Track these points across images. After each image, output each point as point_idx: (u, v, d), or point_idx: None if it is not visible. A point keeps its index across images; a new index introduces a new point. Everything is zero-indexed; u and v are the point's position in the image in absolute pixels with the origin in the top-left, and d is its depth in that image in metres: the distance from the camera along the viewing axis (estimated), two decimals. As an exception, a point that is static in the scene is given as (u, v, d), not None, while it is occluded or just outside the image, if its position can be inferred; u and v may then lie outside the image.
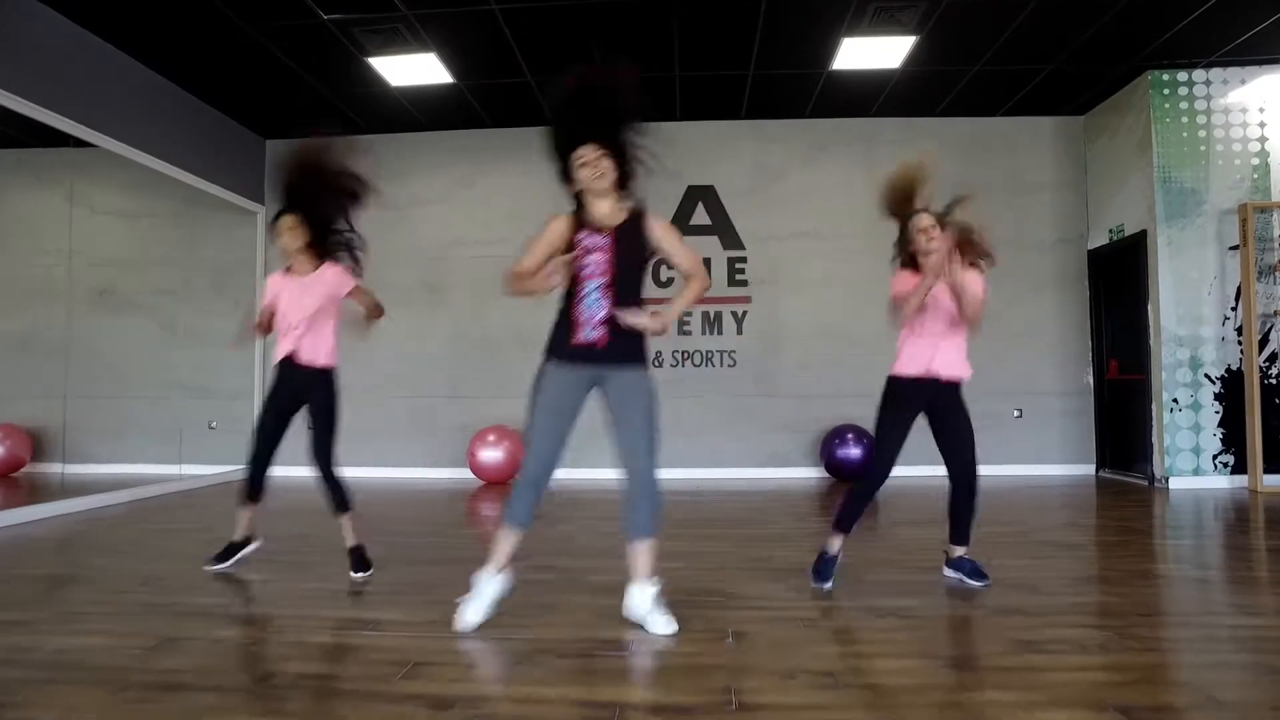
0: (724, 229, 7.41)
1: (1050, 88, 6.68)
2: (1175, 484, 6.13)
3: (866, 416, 7.12)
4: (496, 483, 6.87)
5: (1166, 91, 6.22)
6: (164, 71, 6.34)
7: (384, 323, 3.77)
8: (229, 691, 2.17)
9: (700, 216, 7.39)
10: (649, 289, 2.81)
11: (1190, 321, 6.18)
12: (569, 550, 4.08)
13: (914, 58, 6.03)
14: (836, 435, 6.88)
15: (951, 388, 3.24)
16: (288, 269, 3.59)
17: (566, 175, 2.78)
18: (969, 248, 3.19)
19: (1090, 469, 7.13)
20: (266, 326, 3.58)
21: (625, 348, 2.68)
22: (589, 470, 6.06)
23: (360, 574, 3.41)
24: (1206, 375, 6.16)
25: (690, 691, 2.15)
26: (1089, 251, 7.22)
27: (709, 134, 7.42)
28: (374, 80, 6.37)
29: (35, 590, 3.29)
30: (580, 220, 2.74)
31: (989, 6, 5.28)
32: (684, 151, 7.43)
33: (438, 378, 7.50)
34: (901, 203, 3.30)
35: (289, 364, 3.48)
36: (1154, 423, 6.31)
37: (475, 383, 7.46)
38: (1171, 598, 3.12)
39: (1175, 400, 6.18)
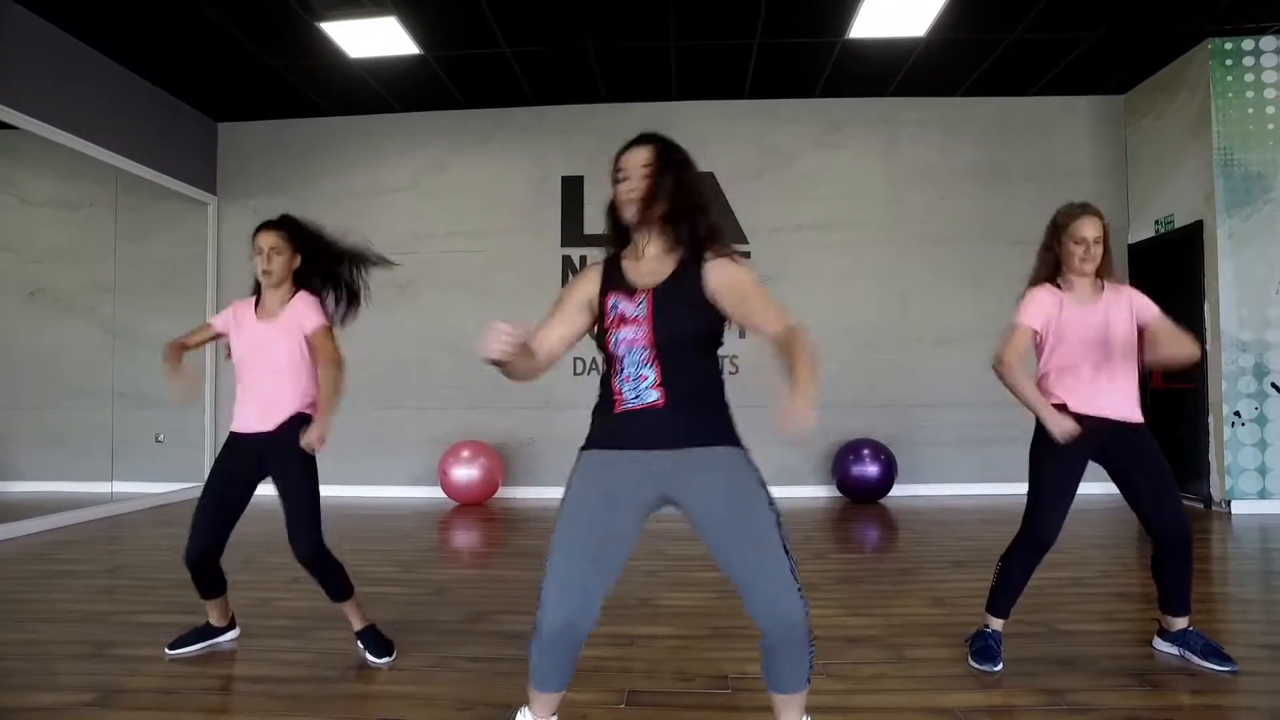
0: (725, 220, 6.65)
1: (1090, 61, 5.94)
2: (1238, 508, 5.40)
3: (886, 429, 6.53)
4: (471, 504, 6.13)
5: (1229, 62, 5.48)
6: (100, 46, 5.62)
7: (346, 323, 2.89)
8: None
9: (699, 206, 6.63)
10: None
11: (1255, 324, 5.44)
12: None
13: (942, 23, 5.29)
14: (850, 451, 6.15)
15: (1130, 429, 2.49)
16: (256, 300, 2.72)
17: (611, 202, 1.85)
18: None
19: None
20: (180, 354, 2.70)
21: (699, 418, 1.71)
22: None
23: (382, 659, 2.60)
24: (1274, 385, 5.43)
25: None
26: (1129, 246, 6.48)
27: (709, 114, 6.67)
28: (330, 51, 5.62)
29: None
30: (613, 276, 1.80)
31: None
32: (681, 134, 6.53)
33: (404, 386, 6.75)
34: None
35: (240, 433, 2.64)
36: (1212, 438, 5.59)
37: (447, 392, 6.71)
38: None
39: (1237, 413, 5.45)
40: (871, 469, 6.03)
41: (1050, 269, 2.61)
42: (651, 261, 1.78)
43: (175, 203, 6.80)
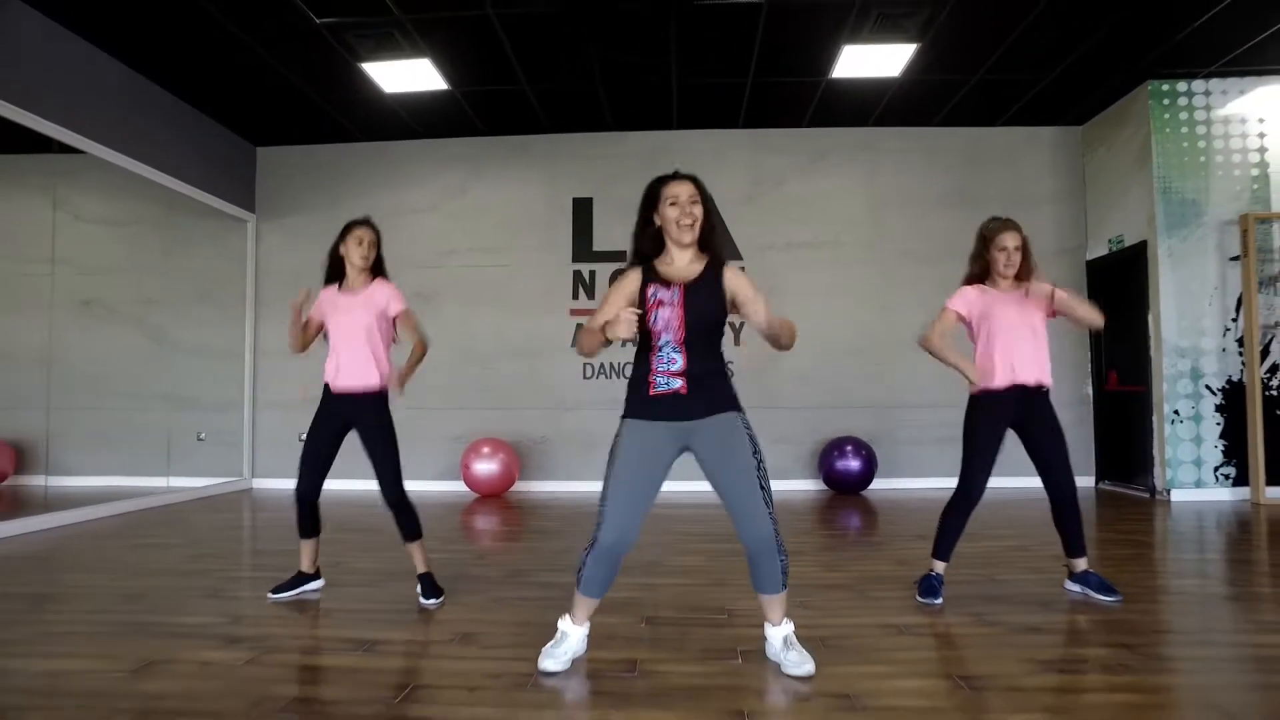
0: (723, 238, 7.32)
1: (1049, 97, 6.65)
2: (1177, 496, 6.07)
3: (867, 428, 7.20)
4: (491, 495, 6.77)
5: (1166, 101, 6.20)
6: (153, 76, 6.25)
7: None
8: (219, 717, 2.07)
9: (697, 226, 7.29)
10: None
11: (1191, 332, 6.14)
12: (567, 563, 3.96)
13: (914, 66, 5.99)
14: (835, 447, 6.80)
15: (1040, 395, 3.18)
16: (340, 284, 3.40)
17: (646, 220, 2.48)
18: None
19: (1089, 481, 7.06)
20: (303, 340, 3.40)
21: (711, 395, 2.37)
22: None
23: (433, 600, 3.21)
24: (1207, 386, 6.12)
25: (701, 713, 2.06)
26: (1088, 262, 7.18)
27: (706, 143, 7.36)
28: (367, 86, 6.29)
29: (14, 609, 3.17)
30: (650, 273, 2.45)
31: (991, 13, 5.25)
32: (681, 160, 7.18)
33: (428, 388, 7.37)
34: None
35: (336, 389, 3.30)
36: (1155, 435, 6.26)
37: (467, 394, 7.36)
38: (1190, 614, 3.04)
39: (1176, 412, 6.13)
40: (854, 463, 6.68)
41: (980, 272, 3.27)
42: (682, 265, 2.45)
43: (217, 221, 7.43)
